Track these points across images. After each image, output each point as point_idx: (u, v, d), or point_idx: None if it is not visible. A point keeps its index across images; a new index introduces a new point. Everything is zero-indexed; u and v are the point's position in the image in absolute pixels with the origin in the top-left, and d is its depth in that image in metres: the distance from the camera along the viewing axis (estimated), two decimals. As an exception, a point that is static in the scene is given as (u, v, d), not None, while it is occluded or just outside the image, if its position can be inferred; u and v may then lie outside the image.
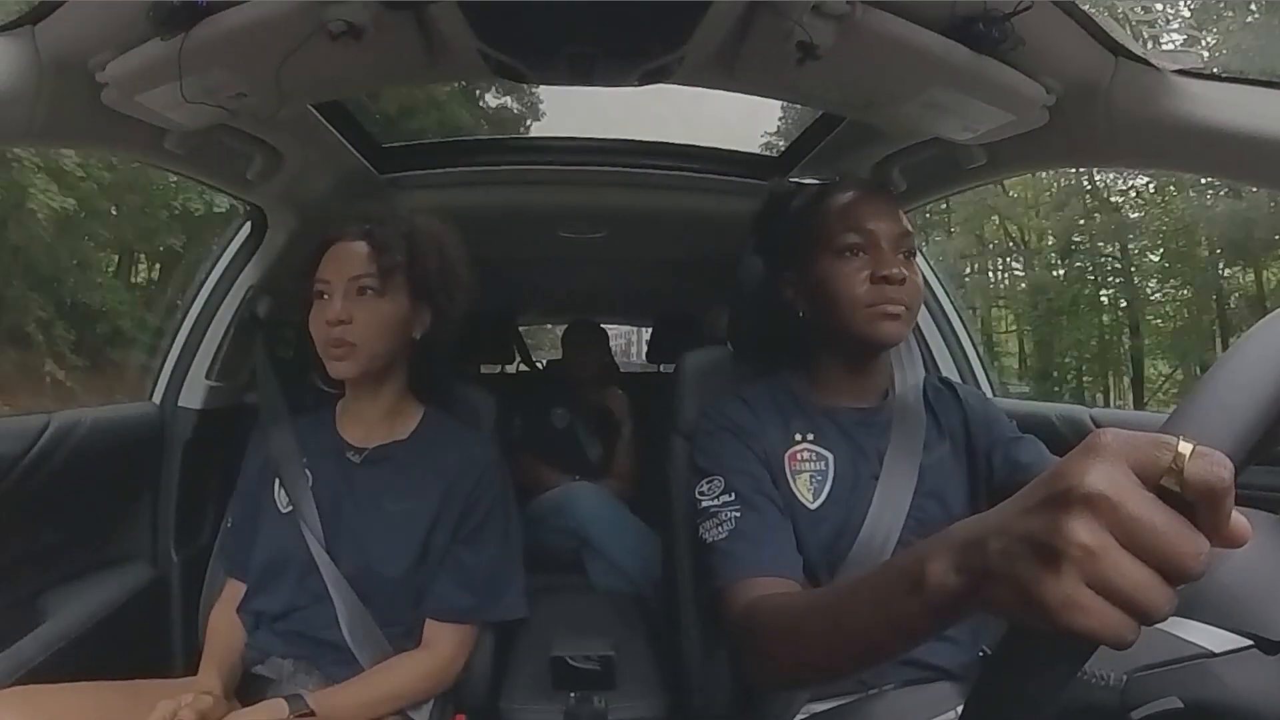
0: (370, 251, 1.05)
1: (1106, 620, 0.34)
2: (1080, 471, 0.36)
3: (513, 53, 1.01)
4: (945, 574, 0.43)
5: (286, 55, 0.93)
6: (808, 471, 0.95)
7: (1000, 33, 0.89)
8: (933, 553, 0.45)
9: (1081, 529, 0.35)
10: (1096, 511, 0.35)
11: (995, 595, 0.39)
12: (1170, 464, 0.34)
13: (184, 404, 1.54)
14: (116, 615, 1.32)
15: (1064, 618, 0.35)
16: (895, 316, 0.92)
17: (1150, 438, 0.36)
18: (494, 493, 1.12)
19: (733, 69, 1.08)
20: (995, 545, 0.39)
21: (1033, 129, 1.04)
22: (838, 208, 0.96)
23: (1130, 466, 0.35)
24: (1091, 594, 0.35)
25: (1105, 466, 0.35)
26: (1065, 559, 0.35)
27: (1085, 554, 0.34)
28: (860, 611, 0.54)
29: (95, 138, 1.08)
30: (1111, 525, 0.35)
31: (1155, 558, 0.34)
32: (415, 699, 1.04)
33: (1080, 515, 0.35)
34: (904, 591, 0.47)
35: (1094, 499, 0.35)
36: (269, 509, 1.11)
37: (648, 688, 1.22)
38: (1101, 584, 0.34)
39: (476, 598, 1.08)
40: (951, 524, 0.46)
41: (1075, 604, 0.35)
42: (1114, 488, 0.35)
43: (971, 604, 0.42)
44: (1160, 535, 0.34)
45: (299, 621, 1.05)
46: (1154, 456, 0.35)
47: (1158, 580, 0.34)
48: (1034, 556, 0.36)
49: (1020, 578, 0.37)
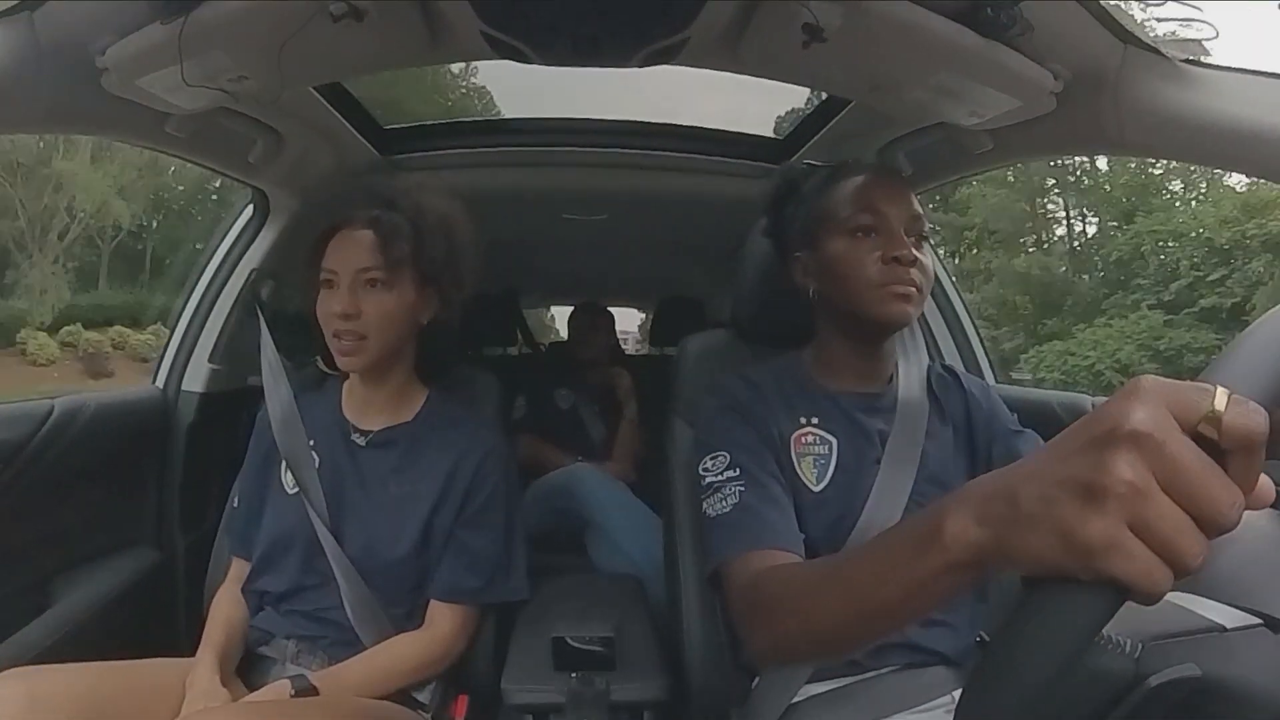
0: (377, 241, 1.04)
1: (1145, 566, 0.34)
2: (1125, 411, 0.35)
3: (515, 33, 1.00)
4: (966, 528, 0.43)
5: (288, 38, 0.92)
6: (811, 455, 0.96)
7: (1008, 18, 0.88)
8: (950, 508, 0.44)
9: (1127, 467, 0.35)
10: (1142, 450, 0.35)
11: (1027, 544, 0.38)
12: (1209, 410, 0.34)
13: (187, 387, 1.54)
14: (123, 598, 1.34)
15: (1104, 560, 0.35)
16: (906, 297, 0.92)
17: (1190, 385, 0.36)
18: (497, 475, 1.12)
19: (738, 51, 1.07)
20: (1029, 491, 0.39)
21: (1040, 115, 1.03)
22: (851, 189, 0.96)
23: (1170, 410, 0.35)
24: (1133, 538, 0.34)
25: (1149, 408, 0.35)
26: (1111, 497, 0.35)
27: (1131, 491, 0.34)
28: (873, 575, 0.53)
29: (96, 123, 1.08)
30: (1155, 466, 0.35)
31: (1194, 503, 0.34)
32: (417, 678, 1.06)
33: (1127, 453, 0.35)
34: (921, 550, 0.46)
35: (1140, 437, 0.35)
36: (275, 490, 1.12)
37: (649, 669, 1.23)
38: (1144, 526, 0.34)
39: (480, 579, 1.09)
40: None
41: (1119, 546, 0.35)
42: (1158, 428, 0.35)
43: (993, 557, 0.42)
44: (1200, 480, 0.34)
45: (303, 602, 1.07)
46: (1194, 401, 0.35)
47: (1194, 527, 0.34)
48: (1076, 497, 0.36)
49: (1062, 520, 0.36)
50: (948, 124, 1.16)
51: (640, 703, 1.20)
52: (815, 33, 0.91)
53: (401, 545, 1.07)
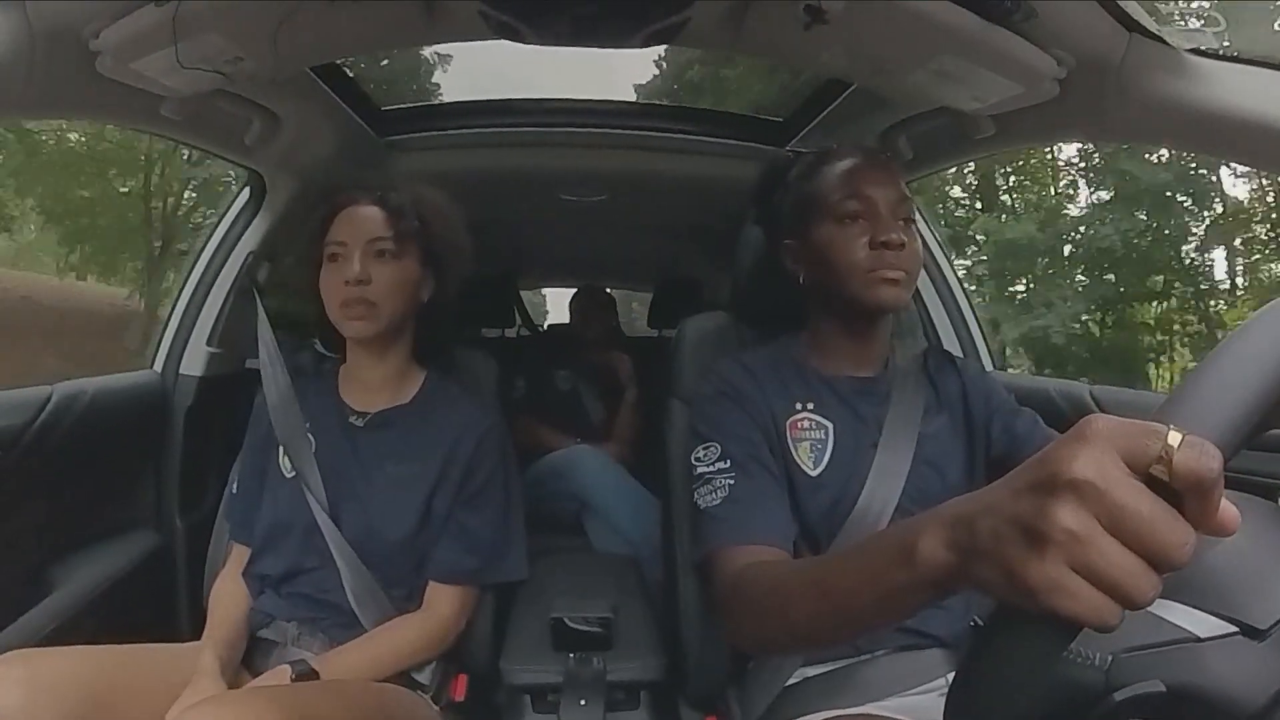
0: (386, 216, 1.07)
1: (1090, 604, 0.35)
2: (1068, 457, 0.36)
3: (514, 12, 0.98)
4: (935, 549, 0.44)
5: (283, 18, 0.91)
6: (808, 440, 0.96)
7: (1012, 3, 0.87)
8: (925, 527, 0.45)
9: (1067, 514, 0.35)
10: (1083, 498, 0.35)
11: (982, 574, 0.40)
12: (1160, 453, 0.34)
13: (185, 371, 1.54)
14: (123, 582, 1.34)
15: (1048, 600, 0.36)
16: (895, 281, 0.92)
17: (1141, 426, 0.36)
18: (495, 456, 1.13)
19: (739, 32, 1.06)
20: (984, 524, 0.40)
21: (1043, 101, 1.02)
22: (837, 175, 0.96)
23: (1119, 454, 0.35)
24: (1076, 578, 0.35)
25: (1094, 453, 0.35)
26: (1050, 543, 0.35)
27: (1070, 539, 0.35)
28: (849, 582, 0.55)
29: (90, 107, 1.07)
30: (1098, 512, 0.35)
31: (1141, 545, 0.34)
32: (416, 659, 1.07)
33: (1066, 501, 0.35)
34: (895, 564, 0.47)
35: (1080, 485, 0.35)
36: (273, 474, 1.12)
37: (646, 649, 1.25)
38: (1086, 569, 0.35)
39: (478, 560, 1.10)
40: (949, 493, 0.46)
41: (1059, 587, 0.35)
42: (1101, 475, 0.35)
43: (960, 581, 0.43)
44: (1146, 523, 0.34)
45: (303, 584, 1.07)
46: (1143, 445, 0.35)
47: (1143, 567, 0.35)
48: (1021, 538, 0.37)
49: (1007, 558, 0.37)
50: (950, 108, 1.15)
51: (637, 683, 1.22)
52: (817, 14, 0.91)
53: (400, 527, 1.07)
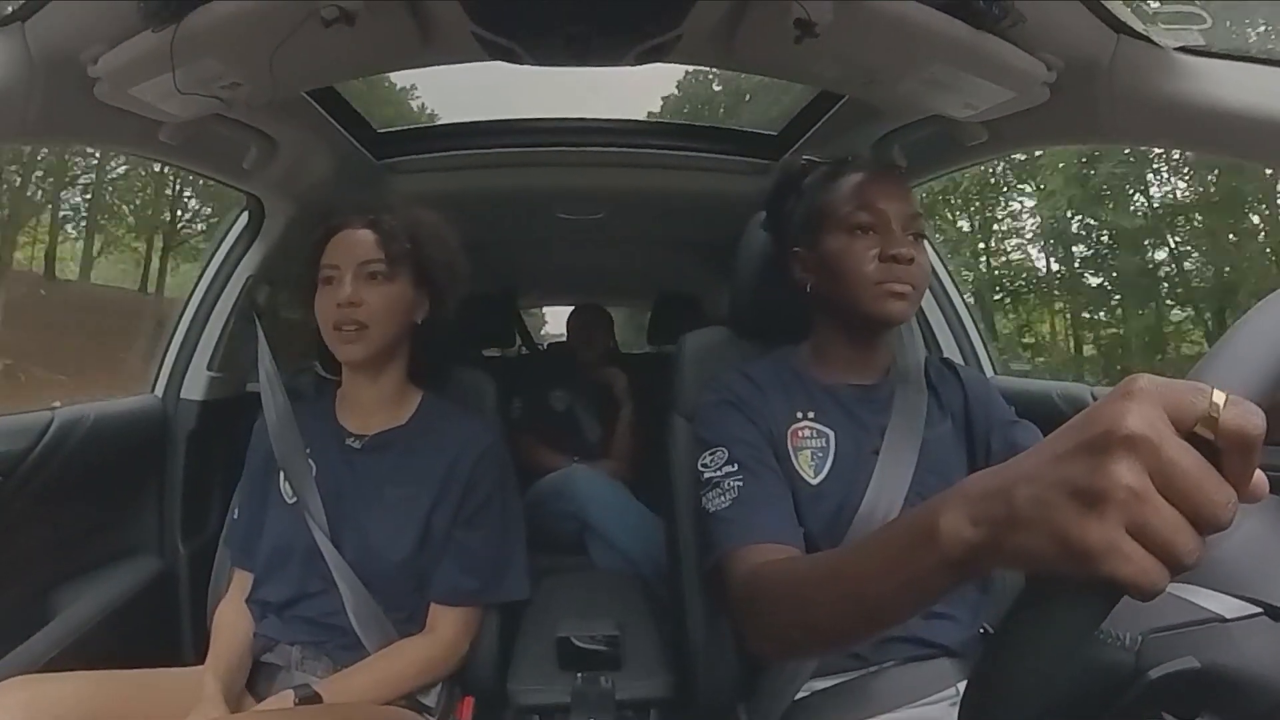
0: (377, 239, 1.08)
1: (1144, 566, 0.34)
2: (1120, 413, 0.35)
3: (507, 34, 0.99)
4: (960, 527, 0.43)
5: (279, 43, 0.92)
6: (809, 449, 0.96)
7: (1001, 9, 0.88)
8: (945, 506, 0.44)
9: (1125, 470, 0.35)
10: (1139, 453, 0.35)
11: (1023, 545, 0.39)
12: (1206, 410, 0.34)
13: (186, 395, 1.54)
14: (126, 608, 1.33)
15: (1105, 563, 0.35)
16: (902, 295, 0.92)
17: (1186, 384, 0.36)
18: (494, 475, 1.13)
19: (730, 47, 1.07)
20: (1023, 493, 0.39)
21: (1034, 106, 1.03)
22: (850, 187, 0.96)
23: (1165, 411, 0.35)
24: (1130, 540, 0.34)
25: (1144, 409, 0.35)
26: (1109, 501, 0.35)
27: (1131, 496, 0.34)
28: (870, 571, 0.53)
29: (89, 132, 1.08)
30: (1151, 468, 0.34)
31: (1189, 504, 0.34)
32: (421, 682, 1.05)
33: (1124, 457, 0.35)
34: (915, 546, 0.46)
35: (1136, 440, 0.35)
36: (274, 500, 1.11)
37: (653, 667, 1.24)
38: (1141, 528, 0.34)
39: (479, 580, 1.09)
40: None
41: (1118, 549, 0.34)
42: (1154, 431, 0.35)
43: (989, 556, 0.42)
44: (1194, 481, 0.34)
45: (306, 609, 1.06)
46: (1190, 401, 0.35)
47: (1189, 527, 0.34)
48: (1074, 501, 0.36)
49: (1058, 523, 0.36)
50: (942, 116, 1.16)
51: (646, 700, 1.20)
52: (807, 28, 0.91)
53: (401, 548, 1.06)
